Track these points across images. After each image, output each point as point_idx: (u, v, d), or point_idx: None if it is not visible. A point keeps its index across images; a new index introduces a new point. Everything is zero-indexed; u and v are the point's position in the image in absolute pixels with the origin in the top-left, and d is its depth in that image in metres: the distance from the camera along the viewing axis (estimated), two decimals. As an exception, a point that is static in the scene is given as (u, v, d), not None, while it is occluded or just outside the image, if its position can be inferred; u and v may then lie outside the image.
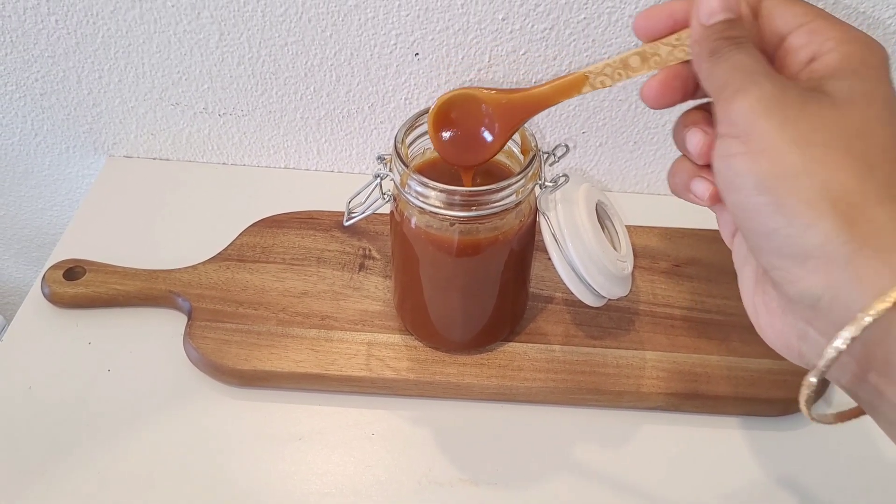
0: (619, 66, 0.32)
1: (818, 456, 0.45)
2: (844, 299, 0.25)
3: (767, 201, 0.26)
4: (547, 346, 0.48)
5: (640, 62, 0.32)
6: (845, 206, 0.25)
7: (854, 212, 0.25)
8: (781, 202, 0.26)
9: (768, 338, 0.30)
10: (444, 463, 0.44)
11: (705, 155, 0.30)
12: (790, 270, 0.26)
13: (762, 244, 0.27)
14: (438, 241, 0.41)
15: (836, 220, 0.25)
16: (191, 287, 0.50)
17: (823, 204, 0.25)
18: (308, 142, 0.60)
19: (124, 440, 0.44)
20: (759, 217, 0.26)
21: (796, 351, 0.29)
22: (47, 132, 0.61)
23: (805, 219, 0.25)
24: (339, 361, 0.46)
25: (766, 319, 0.30)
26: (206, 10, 0.52)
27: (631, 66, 0.32)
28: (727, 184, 0.28)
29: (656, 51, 0.31)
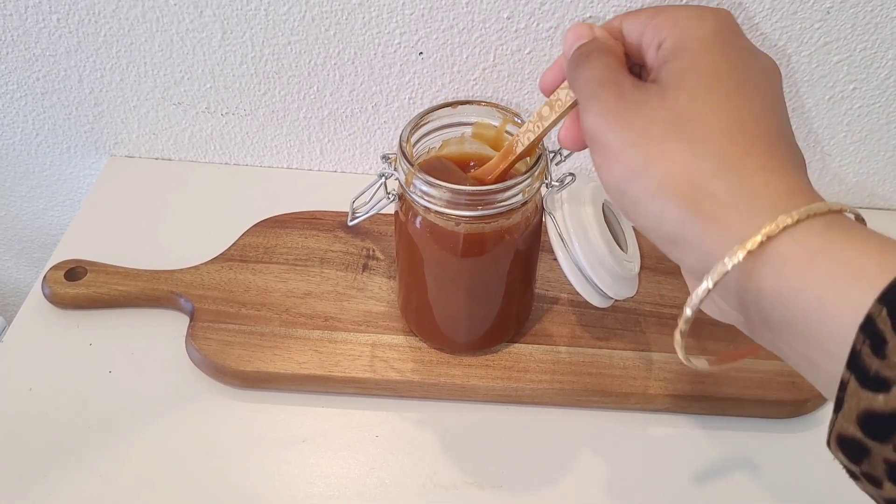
0: (535, 118, 0.36)
1: (827, 458, 0.44)
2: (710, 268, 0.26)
3: (627, 202, 0.28)
4: (552, 347, 0.47)
5: (549, 110, 0.35)
6: (687, 188, 0.26)
7: (696, 192, 0.26)
8: (634, 201, 0.27)
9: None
10: (449, 466, 0.43)
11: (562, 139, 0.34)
12: (672, 254, 0.28)
13: (647, 235, 0.29)
14: (444, 241, 0.41)
15: (682, 206, 0.26)
16: (193, 288, 0.50)
17: (666, 193, 0.26)
18: (311, 141, 0.60)
19: (126, 442, 0.43)
20: (630, 216, 0.28)
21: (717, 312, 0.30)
22: (48, 132, 0.61)
23: (656, 211, 0.27)
24: (342, 363, 0.46)
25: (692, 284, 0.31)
26: (209, 8, 0.51)
27: (543, 115, 0.35)
28: (606, 189, 0.29)
29: (557, 96, 0.34)
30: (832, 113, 0.56)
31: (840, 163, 0.60)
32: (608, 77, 0.29)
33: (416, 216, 0.41)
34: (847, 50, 0.52)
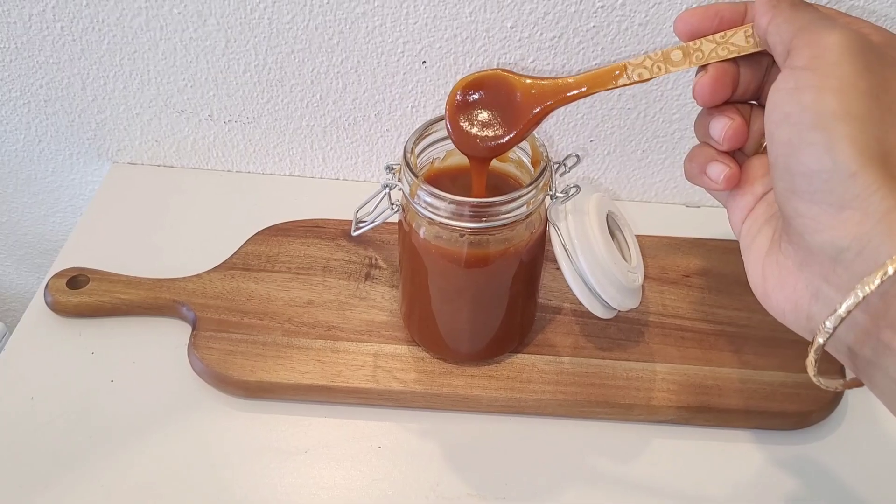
0: (661, 59, 0.32)
1: (832, 470, 0.44)
2: (872, 251, 0.25)
3: (821, 139, 0.26)
4: (556, 357, 0.47)
5: (682, 57, 0.32)
6: (892, 161, 0.25)
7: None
8: (834, 143, 0.25)
9: (775, 301, 0.30)
10: (452, 477, 0.43)
11: (729, 138, 0.32)
12: (819, 218, 0.26)
13: (800, 186, 0.27)
14: (447, 253, 0.40)
15: (881, 173, 0.25)
16: (195, 296, 0.49)
17: (873, 155, 0.25)
18: (314, 149, 0.60)
19: (127, 452, 0.43)
20: (807, 155, 0.26)
21: (805, 312, 0.29)
22: (51, 138, 0.60)
23: (852, 165, 0.25)
24: (345, 373, 0.46)
25: (776, 281, 0.30)
26: (213, 17, 0.51)
27: (672, 60, 0.32)
28: (783, 118, 0.27)
29: (699, 47, 0.31)
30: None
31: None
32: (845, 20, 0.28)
33: (420, 227, 0.41)
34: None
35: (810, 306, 0.28)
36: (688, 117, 0.55)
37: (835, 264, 0.26)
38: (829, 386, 0.29)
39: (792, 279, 0.29)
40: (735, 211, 0.33)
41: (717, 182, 0.33)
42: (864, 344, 0.27)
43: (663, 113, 0.55)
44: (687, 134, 0.56)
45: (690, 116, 0.55)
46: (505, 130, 0.37)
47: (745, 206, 0.33)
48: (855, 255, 0.25)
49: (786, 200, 0.28)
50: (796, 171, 0.27)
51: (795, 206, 0.28)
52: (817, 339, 0.27)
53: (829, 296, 0.27)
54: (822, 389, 0.45)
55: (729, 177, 0.32)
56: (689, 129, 0.56)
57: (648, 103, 0.54)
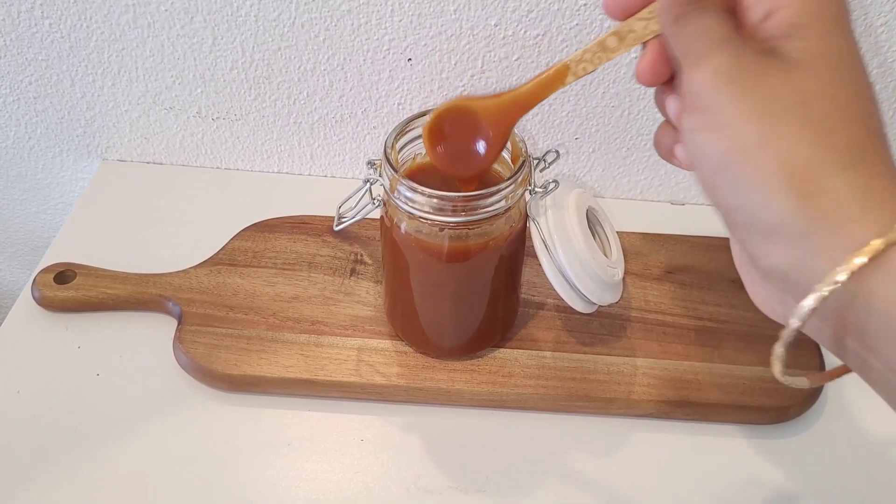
0: (598, 49, 0.32)
1: (810, 464, 0.44)
2: (809, 272, 0.24)
3: (726, 179, 0.26)
4: (538, 352, 0.48)
5: (617, 42, 0.31)
6: (802, 180, 0.24)
7: (811, 186, 0.24)
8: (739, 180, 0.25)
9: (757, 303, 0.30)
10: (434, 470, 0.43)
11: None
12: (758, 246, 0.26)
13: (729, 220, 0.27)
14: (428, 247, 0.41)
15: (793, 197, 0.24)
16: (181, 291, 0.50)
17: (780, 180, 0.24)
18: (301, 146, 0.60)
19: (113, 445, 0.44)
20: (721, 194, 0.26)
21: (781, 316, 0.29)
22: (41, 136, 0.61)
23: (761, 197, 0.25)
24: (328, 367, 0.46)
25: (752, 287, 0.30)
26: (200, 14, 0.52)
27: (609, 47, 0.31)
28: (692, 159, 0.27)
29: (631, 27, 0.30)
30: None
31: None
32: (725, 35, 0.26)
33: (401, 222, 0.41)
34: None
35: (783, 311, 0.29)
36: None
37: (785, 283, 0.26)
38: (795, 384, 0.29)
39: (762, 287, 0.29)
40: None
41: (685, 163, 0.31)
42: (842, 352, 0.27)
43: (647, 111, 0.55)
44: (671, 132, 0.57)
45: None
46: (479, 153, 0.38)
47: None
48: (797, 276, 0.25)
49: (729, 231, 0.28)
50: (720, 208, 0.27)
51: (737, 235, 0.27)
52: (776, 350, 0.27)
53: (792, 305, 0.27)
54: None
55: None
56: (672, 126, 0.56)
57: (632, 101, 0.55)
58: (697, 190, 0.61)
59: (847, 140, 0.24)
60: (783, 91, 0.25)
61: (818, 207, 0.24)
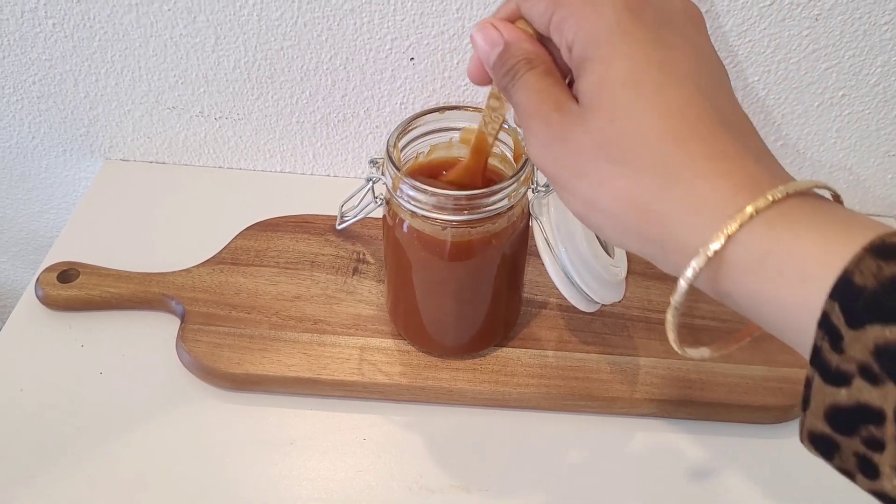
0: (488, 112, 0.35)
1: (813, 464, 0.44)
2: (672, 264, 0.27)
3: (592, 228, 0.28)
4: (540, 351, 0.48)
5: (497, 101, 0.34)
6: (638, 213, 0.26)
7: (647, 214, 0.26)
8: (597, 228, 0.28)
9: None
10: (436, 469, 0.43)
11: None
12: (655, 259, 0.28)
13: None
14: (430, 246, 0.41)
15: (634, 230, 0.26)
16: (184, 290, 0.50)
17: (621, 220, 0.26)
18: (303, 146, 0.60)
19: (115, 443, 0.44)
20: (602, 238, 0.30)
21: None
22: (44, 135, 0.61)
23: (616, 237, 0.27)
24: (331, 366, 0.46)
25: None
26: (202, 13, 0.52)
27: (494, 107, 0.35)
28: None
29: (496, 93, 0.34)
30: (821, 119, 0.56)
31: (830, 169, 0.60)
32: (535, 107, 0.29)
33: (404, 221, 0.41)
34: (836, 57, 0.52)
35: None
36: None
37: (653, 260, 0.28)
38: (695, 356, 0.30)
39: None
40: None
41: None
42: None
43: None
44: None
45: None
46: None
47: None
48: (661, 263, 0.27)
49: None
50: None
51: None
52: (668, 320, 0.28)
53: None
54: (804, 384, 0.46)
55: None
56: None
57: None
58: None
59: (657, 159, 0.25)
60: (584, 142, 0.27)
61: (659, 232, 0.26)
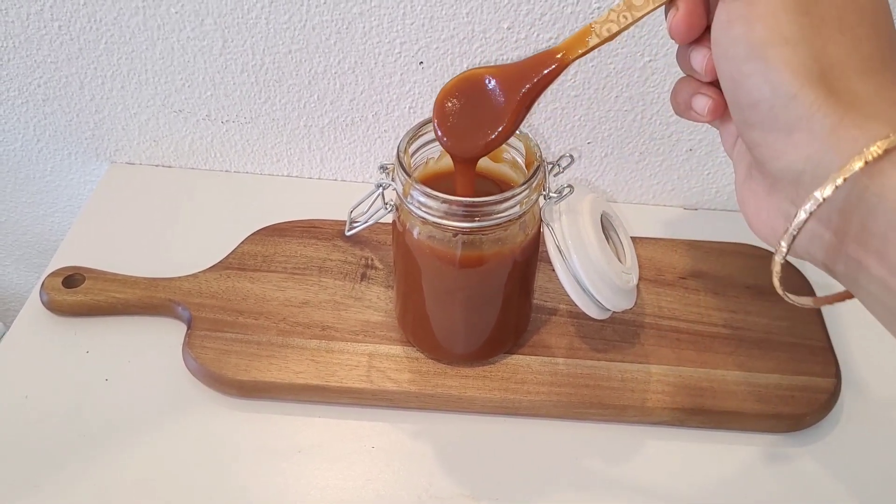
0: (624, 8, 0.32)
1: (826, 473, 0.44)
2: (823, 168, 0.26)
3: (757, 69, 0.26)
4: (551, 358, 0.47)
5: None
6: (832, 77, 0.25)
7: (838, 84, 0.25)
8: (770, 71, 0.26)
9: (757, 228, 0.31)
10: (445, 477, 0.43)
11: (710, 69, 0.31)
12: (773, 145, 0.27)
13: (749, 118, 0.28)
14: (441, 253, 0.40)
15: (820, 92, 0.25)
16: (191, 296, 0.49)
17: (810, 75, 0.25)
18: (311, 150, 0.60)
19: (121, 450, 0.43)
20: (748, 86, 0.27)
21: (782, 235, 0.29)
22: (49, 138, 0.61)
23: (790, 88, 0.26)
24: (339, 373, 0.46)
25: (754, 208, 0.31)
26: (210, 17, 0.51)
27: (635, 4, 0.31)
28: (723, 52, 0.28)
29: None
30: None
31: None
32: None
33: (414, 227, 0.41)
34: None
35: (785, 228, 0.29)
36: (684, 120, 0.55)
37: (797, 186, 0.27)
38: (798, 302, 0.30)
39: (765, 204, 0.30)
40: (725, 137, 0.34)
41: (702, 114, 0.33)
42: (837, 261, 0.28)
43: (660, 115, 0.55)
44: (684, 136, 0.56)
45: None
46: (493, 126, 0.36)
47: (732, 132, 0.33)
48: (811, 176, 0.26)
49: (743, 132, 0.29)
50: (743, 103, 0.28)
51: (751, 136, 0.28)
52: (775, 258, 0.27)
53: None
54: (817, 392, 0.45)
55: (713, 108, 0.32)
56: (685, 132, 0.56)
57: (645, 105, 0.54)
58: (710, 195, 0.60)
59: (872, 49, 0.26)
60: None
61: (843, 104, 0.25)
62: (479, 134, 0.37)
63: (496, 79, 0.36)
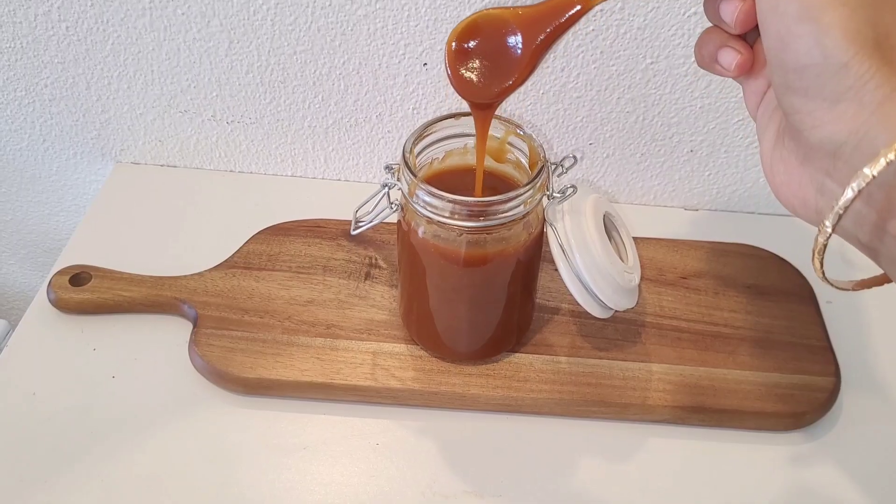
0: None
1: (826, 471, 0.44)
2: (868, 143, 0.24)
3: (809, 31, 0.25)
4: (553, 357, 0.48)
5: None
6: (886, 46, 0.24)
7: (892, 53, 0.24)
8: (823, 33, 0.24)
9: (785, 197, 0.30)
10: (449, 474, 0.43)
11: (741, 22, 0.29)
12: (815, 113, 0.26)
13: (793, 82, 0.26)
14: (446, 252, 0.41)
15: (875, 61, 0.24)
16: (196, 294, 0.50)
17: (865, 42, 0.24)
18: (315, 150, 0.61)
19: (128, 447, 0.44)
20: (797, 49, 0.25)
21: (813, 207, 0.28)
22: (56, 138, 0.61)
23: (843, 56, 0.24)
24: (344, 370, 0.46)
25: (783, 177, 0.29)
26: (216, 18, 0.52)
27: None
28: (771, 7, 0.26)
29: None
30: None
31: None
32: None
33: (419, 226, 0.41)
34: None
35: (817, 201, 0.28)
36: (685, 121, 0.55)
37: (835, 159, 0.26)
38: (840, 286, 0.29)
39: (797, 174, 0.29)
40: (749, 95, 0.32)
41: (729, 69, 0.31)
42: (877, 238, 0.26)
43: (661, 116, 0.55)
44: (685, 138, 0.57)
45: (689, 120, 0.55)
46: (510, 72, 0.35)
47: (758, 90, 0.32)
48: (853, 149, 0.25)
49: (782, 96, 0.27)
50: (789, 66, 0.26)
51: (791, 101, 0.27)
52: (818, 239, 0.26)
53: (832, 190, 0.27)
54: (816, 391, 0.46)
55: (741, 63, 0.31)
56: (686, 133, 0.56)
57: (647, 107, 0.55)
58: (711, 195, 0.61)
59: None
60: None
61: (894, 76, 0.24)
62: (494, 79, 0.35)
63: (514, 21, 0.34)
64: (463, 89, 0.36)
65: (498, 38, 0.34)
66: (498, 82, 0.35)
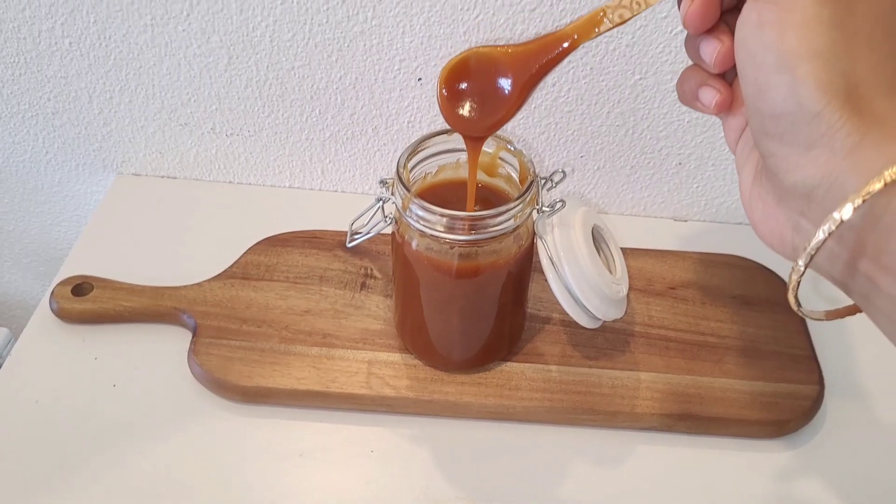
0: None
1: (809, 478, 0.45)
2: (839, 187, 0.25)
3: (785, 81, 0.26)
4: (544, 366, 0.49)
5: None
6: (855, 96, 0.25)
7: (862, 102, 0.25)
8: (798, 84, 0.25)
9: (763, 234, 0.31)
10: (442, 481, 0.44)
11: (719, 63, 0.30)
12: (789, 158, 0.27)
13: (770, 128, 0.27)
14: (438, 264, 0.42)
15: (845, 111, 0.25)
16: (196, 304, 0.51)
17: (837, 92, 0.25)
18: (313, 162, 0.62)
19: (128, 455, 0.45)
20: (773, 98, 0.26)
21: (790, 245, 0.29)
22: (58, 150, 0.62)
23: (816, 105, 0.25)
24: (340, 379, 0.47)
25: (761, 214, 0.30)
26: (216, 34, 0.53)
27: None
28: (750, 56, 0.27)
29: None
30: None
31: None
32: None
33: (413, 239, 0.42)
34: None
35: (793, 239, 0.29)
36: (674, 135, 0.57)
37: (808, 201, 0.27)
38: (814, 316, 0.30)
39: (774, 212, 0.30)
40: (729, 130, 0.33)
41: (709, 107, 0.32)
42: (849, 276, 0.27)
43: (650, 130, 0.57)
44: (673, 151, 0.58)
45: (677, 134, 0.57)
46: (499, 107, 0.36)
47: (737, 127, 0.32)
48: (825, 192, 0.26)
49: (759, 140, 0.28)
50: (765, 112, 0.27)
51: (768, 145, 0.28)
52: (793, 277, 0.27)
53: (807, 230, 0.28)
54: (800, 399, 0.47)
55: (720, 102, 0.32)
56: (675, 146, 0.58)
57: (636, 120, 0.56)
58: (699, 207, 0.62)
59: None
60: (861, 6, 0.25)
61: (865, 123, 0.25)
62: (484, 114, 0.37)
63: (503, 59, 0.35)
64: (455, 123, 0.38)
65: (488, 76, 0.36)
66: (488, 118, 0.37)
